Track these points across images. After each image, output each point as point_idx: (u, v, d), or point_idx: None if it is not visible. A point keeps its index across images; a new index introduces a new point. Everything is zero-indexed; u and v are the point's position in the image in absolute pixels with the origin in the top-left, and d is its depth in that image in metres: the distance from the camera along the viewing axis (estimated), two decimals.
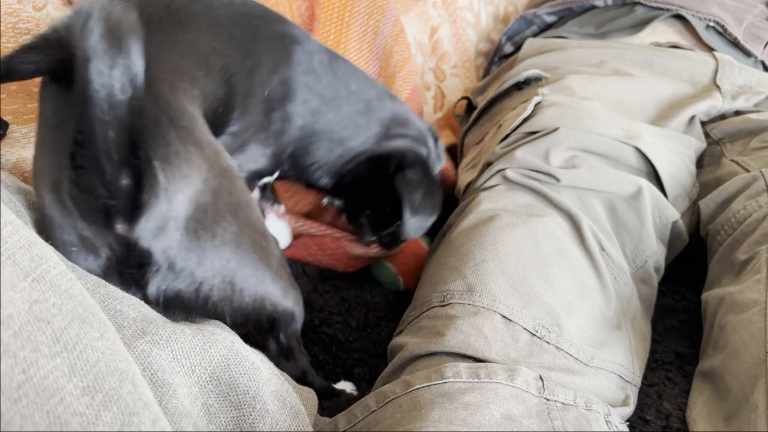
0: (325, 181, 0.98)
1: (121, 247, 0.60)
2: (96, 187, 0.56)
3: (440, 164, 1.08)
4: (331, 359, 0.94)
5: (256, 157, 0.90)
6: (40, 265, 0.48)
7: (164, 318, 0.64)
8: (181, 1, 0.77)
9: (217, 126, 0.82)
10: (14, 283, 0.44)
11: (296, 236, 1.11)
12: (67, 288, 0.49)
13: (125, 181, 0.57)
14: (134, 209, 0.58)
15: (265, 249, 0.70)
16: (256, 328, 0.73)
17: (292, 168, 0.96)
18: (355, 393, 0.88)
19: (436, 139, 1.08)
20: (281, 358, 0.78)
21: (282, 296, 0.73)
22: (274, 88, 0.87)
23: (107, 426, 0.43)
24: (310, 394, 0.74)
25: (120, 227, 0.59)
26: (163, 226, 0.60)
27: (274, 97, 0.87)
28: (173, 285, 0.63)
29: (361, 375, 0.92)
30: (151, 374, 0.55)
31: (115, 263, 0.61)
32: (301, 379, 0.80)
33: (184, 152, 0.62)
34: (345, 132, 0.95)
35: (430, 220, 1.02)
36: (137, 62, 0.55)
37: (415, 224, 1.00)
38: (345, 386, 0.89)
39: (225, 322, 0.70)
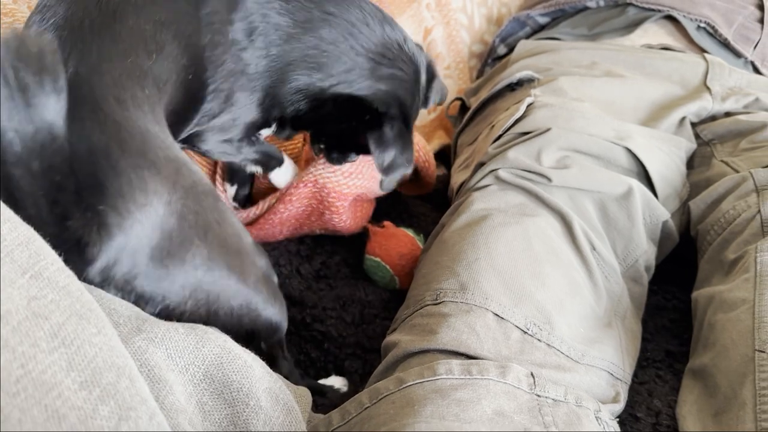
0: (302, 106, 0.91)
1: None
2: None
3: (427, 105, 1.03)
4: (323, 356, 0.95)
5: (246, 106, 0.87)
6: (38, 262, 0.48)
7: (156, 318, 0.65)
8: None
9: (196, 93, 0.79)
10: (12, 280, 0.44)
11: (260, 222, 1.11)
12: (65, 284, 0.49)
13: (71, 223, 0.55)
14: (83, 253, 0.56)
15: (240, 268, 0.69)
16: (235, 339, 0.72)
17: (275, 105, 0.91)
18: (345, 388, 0.88)
19: (431, 78, 1.01)
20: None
21: (263, 309, 0.72)
22: (237, 27, 0.81)
23: (105, 420, 0.43)
24: (305, 392, 0.74)
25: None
26: (119, 261, 0.58)
27: (240, 36, 0.82)
28: (146, 309, 0.63)
29: (355, 368, 0.92)
30: (148, 370, 0.56)
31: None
32: None
33: (137, 181, 0.60)
34: (323, 57, 0.88)
35: (400, 174, 0.96)
36: (48, 109, 0.51)
37: (386, 182, 0.96)
38: (335, 381, 0.89)
39: None
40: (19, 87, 0.50)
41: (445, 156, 1.50)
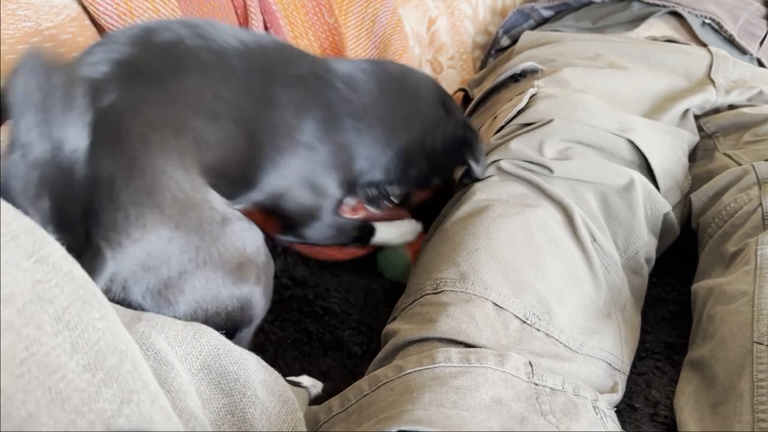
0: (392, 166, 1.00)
1: None
2: None
3: None
4: (321, 329, 0.94)
5: (332, 187, 0.93)
6: (42, 248, 0.49)
7: None
8: (188, 49, 0.76)
9: (249, 173, 0.82)
10: (18, 263, 0.45)
11: None
12: (69, 270, 0.50)
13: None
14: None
15: (238, 276, 0.71)
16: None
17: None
18: (317, 389, 0.83)
19: None
20: None
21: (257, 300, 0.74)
22: (305, 128, 0.87)
23: (108, 403, 0.44)
24: (302, 391, 0.75)
25: None
26: (114, 284, 0.61)
27: (307, 138, 0.87)
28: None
29: (357, 342, 0.92)
30: (155, 353, 0.57)
31: None
32: None
33: (135, 217, 0.62)
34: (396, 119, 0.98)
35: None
36: (64, 131, 0.55)
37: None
38: (304, 380, 0.84)
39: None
40: (45, 112, 0.54)
41: None
